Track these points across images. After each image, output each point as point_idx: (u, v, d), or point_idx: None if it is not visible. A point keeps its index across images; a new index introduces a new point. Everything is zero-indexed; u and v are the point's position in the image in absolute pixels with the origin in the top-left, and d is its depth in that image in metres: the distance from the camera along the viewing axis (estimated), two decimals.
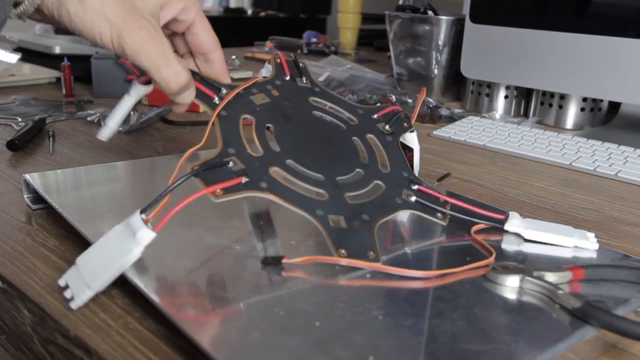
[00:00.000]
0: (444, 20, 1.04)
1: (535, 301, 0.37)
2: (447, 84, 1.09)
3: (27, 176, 0.51)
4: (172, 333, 0.34)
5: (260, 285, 0.37)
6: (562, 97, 0.94)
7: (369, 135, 0.50)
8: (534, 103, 0.99)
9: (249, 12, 2.93)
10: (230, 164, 0.40)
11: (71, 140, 0.74)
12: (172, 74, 0.43)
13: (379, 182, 0.46)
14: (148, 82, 0.47)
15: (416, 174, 0.51)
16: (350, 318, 0.34)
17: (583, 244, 0.45)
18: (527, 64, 0.90)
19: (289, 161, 0.43)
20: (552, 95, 0.95)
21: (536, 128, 0.87)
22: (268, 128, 0.46)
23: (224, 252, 0.41)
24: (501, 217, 0.46)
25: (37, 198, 0.51)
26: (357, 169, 0.46)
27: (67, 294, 0.36)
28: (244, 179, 0.39)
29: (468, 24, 0.96)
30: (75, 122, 0.83)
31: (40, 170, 0.57)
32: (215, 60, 0.51)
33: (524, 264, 0.42)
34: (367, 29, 1.85)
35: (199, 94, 0.46)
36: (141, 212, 0.36)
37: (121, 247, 0.35)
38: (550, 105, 0.95)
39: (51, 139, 0.73)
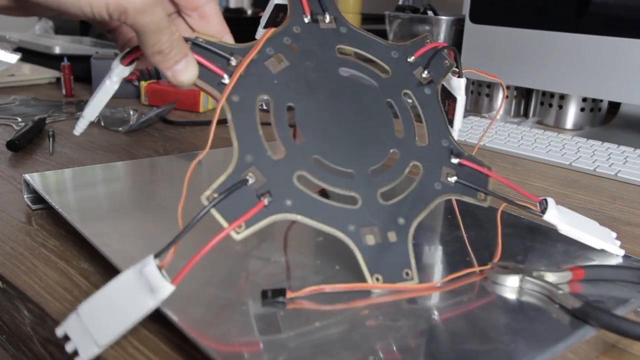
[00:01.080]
0: (444, 20, 1.04)
1: (535, 301, 0.37)
2: None
3: (27, 176, 0.51)
4: (172, 333, 0.34)
5: (262, 285, 0.37)
6: (562, 97, 0.94)
7: (405, 91, 0.44)
8: (533, 103, 0.99)
9: (249, 12, 2.93)
10: (250, 179, 0.35)
11: (71, 140, 0.74)
12: (170, 36, 0.35)
13: (417, 162, 0.42)
14: (130, 62, 0.39)
15: (457, 130, 0.47)
16: (350, 318, 0.34)
17: (611, 249, 0.44)
18: (527, 64, 0.90)
19: (315, 157, 0.38)
20: (552, 95, 0.95)
21: (536, 128, 0.87)
22: (289, 108, 0.39)
23: (224, 252, 0.41)
24: (539, 200, 0.44)
25: (37, 198, 0.51)
26: (391, 150, 0.41)
27: (69, 347, 0.32)
28: (266, 200, 0.35)
29: (468, 24, 0.96)
30: (75, 122, 0.83)
31: (40, 170, 0.57)
32: (211, 13, 0.41)
33: (524, 264, 0.42)
34: (367, 29, 1.85)
35: (202, 74, 0.37)
36: (155, 256, 0.32)
37: (135, 300, 0.31)
38: (550, 105, 0.95)
39: (51, 139, 0.73)
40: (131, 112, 0.84)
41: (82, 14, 0.34)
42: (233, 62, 0.38)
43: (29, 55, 1.17)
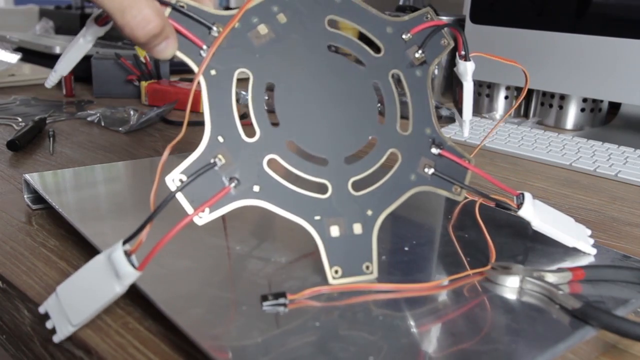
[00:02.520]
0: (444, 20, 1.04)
1: (535, 302, 0.37)
2: (448, 84, 1.09)
3: (27, 176, 0.51)
4: (172, 333, 0.34)
5: (262, 285, 0.37)
6: (562, 97, 0.94)
7: (394, 72, 0.41)
8: (534, 103, 0.99)
9: None
10: (218, 162, 0.35)
11: (71, 140, 0.74)
12: (140, 19, 0.34)
13: (395, 150, 0.40)
14: (105, 22, 0.38)
15: (467, 122, 0.46)
16: (351, 318, 0.34)
17: (583, 247, 0.44)
18: (527, 64, 0.90)
19: (289, 141, 0.37)
20: (552, 95, 0.95)
21: (536, 128, 0.87)
22: (269, 88, 0.38)
23: (224, 252, 0.41)
24: (517, 194, 0.43)
25: (37, 198, 0.51)
26: (370, 136, 0.40)
27: (49, 324, 0.34)
28: (233, 185, 0.35)
29: (468, 24, 0.96)
30: (76, 122, 0.83)
31: (40, 170, 0.57)
32: None
33: (524, 264, 0.42)
34: None
35: (181, 44, 0.36)
36: (124, 243, 0.32)
37: (103, 283, 0.32)
38: (551, 105, 0.95)
39: (51, 139, 0.73)
40: (131, 112, 0.84)
41: None
42: (215, 31, 0.36)
43: (29, 55, 1.17)
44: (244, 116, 0.37)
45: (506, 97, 1.01)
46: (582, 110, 0.93)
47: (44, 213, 0.51)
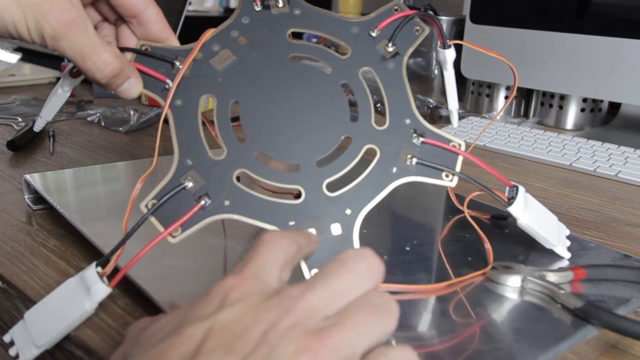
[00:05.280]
0: (444, 20, 1.04)
1: (537, 301, 0.37)
2: None
3: (28, 177, 0.51)
4: None
5: None
6: (562, 97, 0.94)
7: (365, 69, 0.41)
8: (534, 103, 0.99)
9: None
10: (188, 184, 0.36)
11: (71, 140, 0.74)
12: (100, 64, 0.36)
13: (372, 145, 0.39)
14: (78, 74, 0.40)
15: (454, 111, 0.45)
16: None
17: (559, 251, 0.43)
18: (527, 64, 0.90)
19: (257, 154, 0.38)
20: (552, 95, 0.95)
21: (536, 128, 0.87)
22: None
23: (226, 252, 0.41)
24: (512, 185, 0.42)
25: (38, 198, 0.50)
26: (343, 136, 0.39)
27: (12, 351, 0.33)
28: (204, 202, 0.35)
29: (468, 24, 0.96)
30: (76, 122, 0.83)
31: (40, 171, 0.57)
32: (151, 20, 0.40)
33: (526, 264, 0.42)
34: None
35: (147, 82, 0.38)
36: (97, 265, 0.33)
37: (73, 303, 0.33)
38: (551, 105, 0.95)
39: (51, 139, 0.72)
40: (131, 112, 0.84)
41: (7, 33, 0.35)
42: (178, 64, 0.38)
43: (29, 55, 1.17)
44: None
45: (506, 97, 1.01)
46: (582, 110, 0.93)
47: (44, 213, 0.51)
